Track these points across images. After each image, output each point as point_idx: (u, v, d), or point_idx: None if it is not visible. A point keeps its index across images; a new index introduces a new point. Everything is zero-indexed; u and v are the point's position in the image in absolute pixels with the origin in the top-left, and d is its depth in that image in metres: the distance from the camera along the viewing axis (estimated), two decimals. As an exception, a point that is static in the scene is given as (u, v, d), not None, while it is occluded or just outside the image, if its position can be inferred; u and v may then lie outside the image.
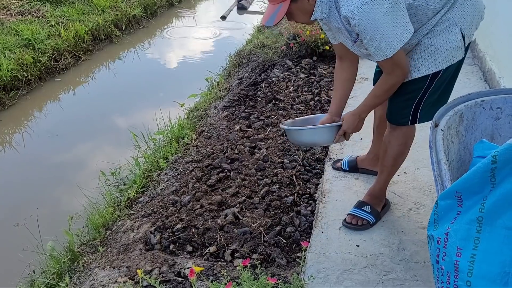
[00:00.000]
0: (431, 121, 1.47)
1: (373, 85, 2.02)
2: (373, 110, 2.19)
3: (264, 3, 7.07)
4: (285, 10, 1.55)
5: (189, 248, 2.07)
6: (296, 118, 2.23)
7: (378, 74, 1.98)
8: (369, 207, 1.98)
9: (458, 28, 1.58)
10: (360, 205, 2.01)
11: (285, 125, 1.95)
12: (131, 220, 2.37)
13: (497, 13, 3.15)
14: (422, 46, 1.63)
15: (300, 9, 1.59)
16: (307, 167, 2.57)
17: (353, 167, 2.35)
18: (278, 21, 1.55)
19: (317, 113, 3.19)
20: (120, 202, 2.59)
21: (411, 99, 1.72)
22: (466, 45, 1.62)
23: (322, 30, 4.19)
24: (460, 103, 1.53)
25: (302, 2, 1.57)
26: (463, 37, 1.60)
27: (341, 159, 2.42)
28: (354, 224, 1.96)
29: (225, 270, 1.83)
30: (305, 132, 1.90)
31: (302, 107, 3.28)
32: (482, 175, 0.94)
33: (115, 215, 2.46)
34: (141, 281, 1.82)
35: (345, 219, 2.00)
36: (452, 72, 1.69)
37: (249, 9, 7.85)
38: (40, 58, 4.89)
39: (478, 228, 0.96)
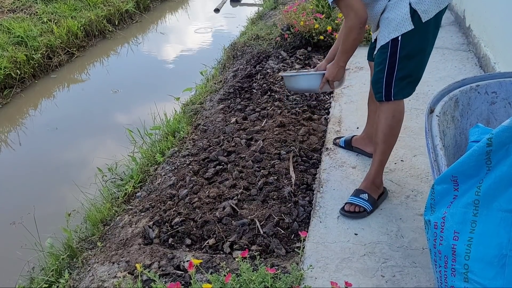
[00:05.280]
0: (426, 108, 1.47)
1: (367, 59, 2.16)
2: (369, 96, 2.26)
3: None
4: None
5: (188, 241, 2.07)
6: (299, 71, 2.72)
7: (371, 50, 2.10)
8: (366, 195, 1.99)
9: (407, 2, 1.69)
10: (357, 193, 2.01)
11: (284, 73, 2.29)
12: (129, 215, 2.36)
13: (491, -1, 3.14)
14: (381, 21, 1.80)
15: None
16: (304, 158, 2.57)
17: (348, 145, 2.49)
18: None
19: (312, 104, 3.18)
20: (118, 198, 2.58)
21: (380, 72, 1.82)
22: (424, 21, 1.69)
23: (316, 20, 4.17)
24: (455, 88, 1.53)
25: None
26: (415, 11, 1.68)
27: (343, 137, 2.54)
28: (352, 211, 1.97)
29: (224, 262, 1.83)
30: (293, 78, 2.24)
31: (298, 98, 3.27)
32: (477, 158, 0.94)
33: (113, 211, 2.46)
34: (141, 275, 1.82)
35: (343, 207, 2.00)
36: (417, 47, 1.75)
37: (242, 1, 7.80)
38: (33, 56, 4.85)
39: (474, 211, 0.95)
